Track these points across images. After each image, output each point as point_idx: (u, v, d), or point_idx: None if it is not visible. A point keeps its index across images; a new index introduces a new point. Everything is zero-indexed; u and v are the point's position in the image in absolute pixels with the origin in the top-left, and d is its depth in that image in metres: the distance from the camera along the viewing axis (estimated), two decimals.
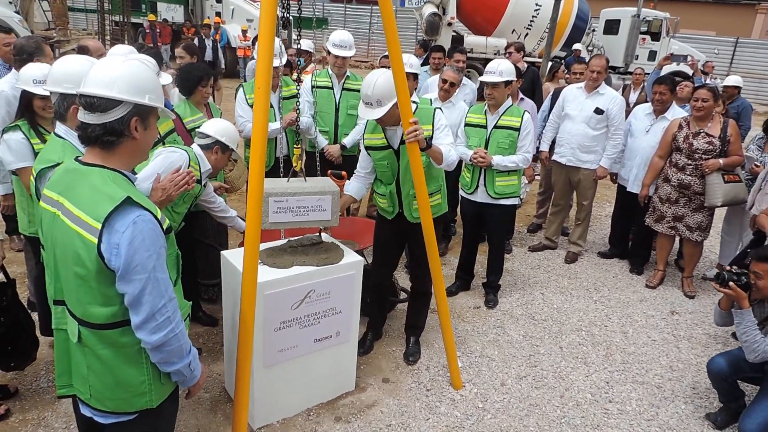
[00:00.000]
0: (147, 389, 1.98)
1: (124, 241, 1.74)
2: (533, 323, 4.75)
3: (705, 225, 5.20)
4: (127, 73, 1.83)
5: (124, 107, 1.81)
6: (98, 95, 1.77)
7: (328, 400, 3.59)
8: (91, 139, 1.83)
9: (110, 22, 15.65)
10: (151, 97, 1.88)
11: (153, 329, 1.84)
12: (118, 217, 1.75)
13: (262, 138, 2.62)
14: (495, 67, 4.48)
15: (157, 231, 1.83)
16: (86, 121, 1.81)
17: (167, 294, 1.86)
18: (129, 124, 1.83)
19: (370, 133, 3.68)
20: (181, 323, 1.93)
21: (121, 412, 1.99)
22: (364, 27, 27.83)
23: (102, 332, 1.88)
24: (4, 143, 3.06)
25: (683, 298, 5.39)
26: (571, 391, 3.89)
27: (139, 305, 1.81)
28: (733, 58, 22.77)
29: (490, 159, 4.52)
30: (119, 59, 1.89)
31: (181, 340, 1.93)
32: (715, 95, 5.07)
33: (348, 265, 3.36)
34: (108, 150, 1.85)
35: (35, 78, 3.05)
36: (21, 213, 3.39)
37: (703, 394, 3.96)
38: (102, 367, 1.92)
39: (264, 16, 2.57)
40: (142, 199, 1.83)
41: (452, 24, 15.79)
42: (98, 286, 1.82)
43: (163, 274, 1.85)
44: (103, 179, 1.81)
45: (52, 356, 3.62)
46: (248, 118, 4.60)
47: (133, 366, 1.94)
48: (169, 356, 1.93)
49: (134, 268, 1.76)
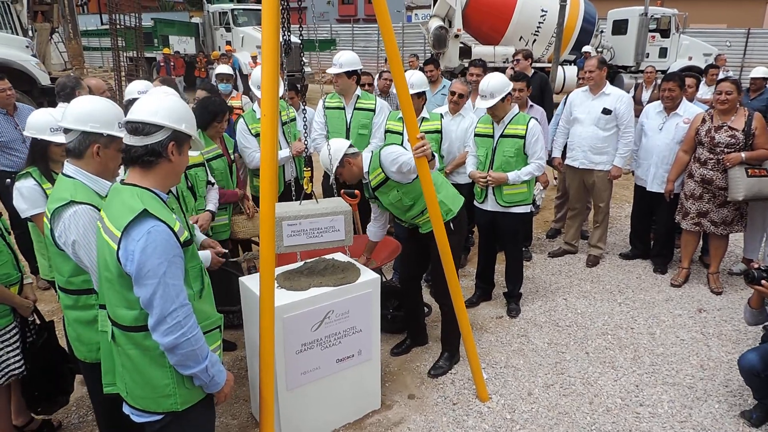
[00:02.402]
0: (172, 391, 2.15)
1: (138, 249, 1.96)
2: (557, 330, 4.70)
3: (730, 219, 5.11)
4: (168, 104, 2.13)
5: (163, 132, 2.09)
6: (143, 121, 2.06)
7: (355, 420, 3.58)
8: (133, 159, 2.09)
9: (125, 59, 16.01)
10: (187, 126, 2.16)
11: (164, 332, 2.01)
12: (135, 226, 1.98)
13: (272, 164, 2.65)
14: (485, 89, 4.45)
15: (170, 241, 2.02)
16: (130, 143, 2.08)
17: (178, 300, 2.02)
18: (167, 147, 2.10)
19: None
20: (194, 329, 2.07)
21: (150, 411, 2.17)
22: (373, 45, 28.05)
23: (129, 334, 2.10)
24: (17, 191, 3.09)
25: (710, 295, 5.29)
26: (601, 397, 3.84)
27: (151, 308, 2.00)
28: (746, 50, 22.43)
29: (504, 177, 4.56)
30: (161, 94, 2.20)
31: (194, 345, 2.07)
32: (739, 88, 5.01)
33: (365, 283, 3.37)
34: (147, 169, 2.11)
35: (52, 126, 3.12)
36: (41, 259, 3.42)
37: (737, 391, 3.87)
38: (132, 365, 2.13)
39: (266, 42, 2.60)
40: (159, 212, 2.03)
41: (459, 36, 15.85)
42: (121, 290, 2.06)
43: (174, 281, 2.02)
44: (131, 195, 2.06)
45: (81, 393, 3.70)
46: (254, 148, 4.65)
47: (158, 368, 2.12)
48: (184, 359, 2.08)
49: (146, 273, 1.97)
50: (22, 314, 3.04)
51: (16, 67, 10.10)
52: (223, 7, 21.66)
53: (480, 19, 16.03)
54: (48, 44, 12.63)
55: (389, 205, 3.81)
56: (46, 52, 12.47)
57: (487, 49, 16.08)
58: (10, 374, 2.99)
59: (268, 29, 2.57)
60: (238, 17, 21.25)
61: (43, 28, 12.48)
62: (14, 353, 2.99)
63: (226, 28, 21.27)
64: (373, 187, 3.77)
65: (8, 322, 2.96)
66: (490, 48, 16.09)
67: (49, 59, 12.59)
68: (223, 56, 16.47)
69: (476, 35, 17.00)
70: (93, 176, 2.47)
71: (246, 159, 4.72)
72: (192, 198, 3.89)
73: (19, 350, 3.02)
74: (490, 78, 4.46)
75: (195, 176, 3.94)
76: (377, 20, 2.92)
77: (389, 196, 3.74)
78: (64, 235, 2.35)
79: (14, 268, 2.99)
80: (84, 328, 2.54)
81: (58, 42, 13.59)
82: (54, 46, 13.31)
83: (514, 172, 4.57)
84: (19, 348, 3.02)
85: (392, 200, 3.75)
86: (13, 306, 2.97)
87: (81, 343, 2.56)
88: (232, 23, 21.13)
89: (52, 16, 13.16)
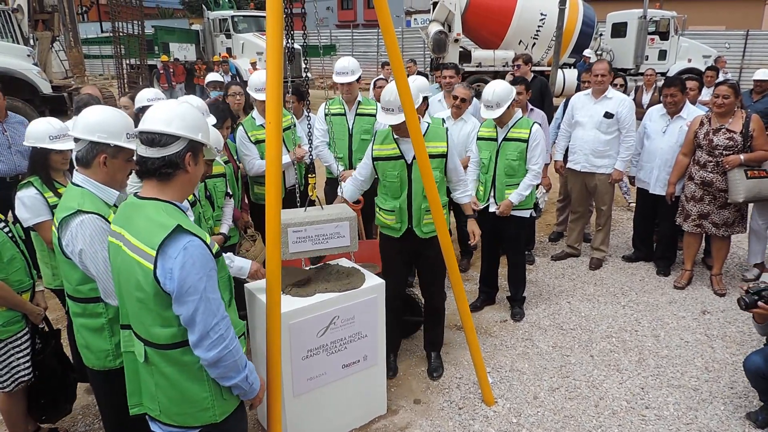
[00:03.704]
0: (210, 404, 2.12)
1: (177, 266, 1.91)
2: (562, 333, 4.70)
3: (731, 221, 5.12)
4: (183, 113, 2.06)
5: (180, 143, 2.03)
6: (159, 131, 1.99)
7: (361, 425, 3.58)
8: (150, 172, 2.03)
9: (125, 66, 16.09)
10: (203, 135, 2.11)
11: (208, 346, 1.97)
12: (170, 243, 1.93)
13: (277, 171, 2.66)
14: (490, 99, 4.39)
15: (206, 255, 1.98)
16: (146, 155, 2.01)
17: (219, 313, 2.00)
18: (184, 158, 2.04)
19: (380, 143, 3.73)
20: (234, 339, 2.06)
21: (187, 426, 2.14)
22: (372, 50, 28.13)
23: (165, 352, 2.05)
24: (19, 201, 3.13)
25: (714, 297, 5.29)
26: (606, 400, 3.84)
27: (194, 325, 1.96)
28: (745, 51, 22.48)
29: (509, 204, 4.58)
30: (174, 102, 2.13)
31: (235, 355, 2.06)
32: (736, 91, 5.03)
33: (370, 288, 3.37)
34: (164, 182, 2.05)
35: (51, 134, 3.16)
36: (44, 268, 3.43)
37: (742, 393, 3.87)
38: (168, 384, 2.08)
39: (270, 48, 2.62)
40: (191, 227, 2.00)
41: (459, 40, 15.90)
42: (156, 309, 1.99)
43: (214, 295, 1.99)
44: (156, 210, 2.00)
45: (87, 401, 3.71)
46: (254, 156, 4.66)
47: (196, 383, 2.09)
48: (226, 371, 2.06)
49: (187, 290, 1.92)
50: (33, 321, 3.05)
51: (17, 75, 10.15)
52: (223, 13, 21.74)
53: (479, 23, 16.08)
54: (49, 53, 12.68)
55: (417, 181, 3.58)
56: (48, 60, 12.52)
57: (487, 53, 16.13)
58: (19, 381, 3.00)
59: (272, 36, 2.59)
60: (238, 24, 21.32)
61: (44, 37, 12.53)
62: (24, 360, 3.01)
63: (227, 34, 21.33)
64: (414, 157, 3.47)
65: (20, 329, 2.98)
66: (489, 52, 16.14)
67: (50, 67, 12.64)
68: (223, 63, 16.56)
69: (476, 39, 17.05)
70: (101, 185, 2.49)
71: (246, 166, 4.73)
72: (210, 208, 3.90)
73: (29, 357, 3.04)
74: (495, 87, 4.42)
75: (214, 187, 3.93)
76: (379, 25, 2.94)
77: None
78: (72, 243, 2.36)
79: (27, 275, 3.01)
80: (92, 335, 2.54)
81: (59, 50, 13.65)
82: (55, 55, 13.37)
83: (516, 193, 4.59)
84: (29, 355, 3.04)
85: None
86: (24, 313, 2.98)
87: (89, 350, 2.57)
88: (233, 30, 21.19)
89: (53, 25, 13.21)
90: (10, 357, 2.96)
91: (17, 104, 9.90)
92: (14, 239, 2.95)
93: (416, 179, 3.62)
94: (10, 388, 2.98)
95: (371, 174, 3.87)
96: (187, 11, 46.81)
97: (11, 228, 2.98)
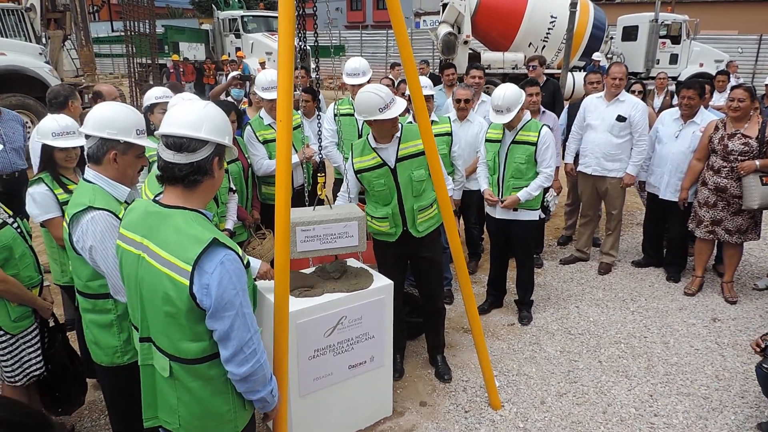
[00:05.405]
0: (232, 417, 2.08)
1: (214, 281, 1.83)
2: (570, 338, 4.67)
3: (745, 228, 5.07)
4: (211, 115, 1.97)
5: (208, 147, 1.93)
6: (187, 136, 1.89)
7: (366, 427, 3.56)
8: (177, 179, 1.92)
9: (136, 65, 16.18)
10: (229, 138, 2.02)
11: (241, 361, 1.93)
12: (206, 258, 1.84)
13: (287, 170, 2.65)
14: (500, 104, 4.34)
15: (241, 269, 1.91)
16: (173, 161, 1.90)
17: (253, 327, 1.96)
18: (212, 163, 1.95)
19: (359, 156, 3.67)
20: (264, 353, 2.02)
21: None
22: (381, 51, 28.13)
23: (192, 366, 1.97)
24: (29, 197, 3.14)
25: (724, 304, 5.23)
26: (614, 407, 3.80)
27: (228, 340, 1.90)
28: (758, 56, 22.32)
29: (515, 199, 4.55)
30: (200, 104, 2.01)
31: (265, 369, 2.02)
32: (752, 95, 4.97)
33: (378, 289, 3.36)
34: (191, 189, 1.95)
35: (54, 131, 3.15)
36: (53, 264, 3.45)
37: (753, 403, 3.82)
38: (192, 398, 2.01)
39: (282, 48, 2.62)
40: (225, 239, 1.92)
41: (468, 42, 15.87)
42: (188, 324, 1.91)
43: (248, 309, 1.94)
44: (185, 221, 1.91)
45: (94, 397, 3.71)
46: (262, 155, 4.64)
47: (220, 396, 2.04)
48: (254, 385, 2.02)
49: (224, 305, 1.85)
50: (43, 316, 3.07)
51: (29, 73, 10.19)
52: (233, 13, 21.84)
53: (489, 25, 16.06)
54: (60, 51, 12.73)
55: (405, 183, 3.60)
56: (59, 58, 12.56)
57: (496, 56, 16.11)
58: (31, 375, 3.02)
59: (284, 36, 2.58)
60: (247, 24, 21.42)
61: (55, 36, 12.58)
62: (35, 354, 3.04)
63: (236, 34, 21.42)
64: (400, 157, 3.57)
65: (30, 323, 3.00)
66: (499, 54, 16.12)
67: (61, 66, 12.69)
68: (232, 62, 16.60)
69: (485, 41, 17.03)
70: (112, 182, 2.48)
71: (254, 166, 4.72)
72: (214, 205, 3.90)
73: (40, 351, 3.06)
74: (505, 91, 4.35)
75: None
76: (391, 25, 2.93)
77: (413, 172, 3.59)
78: (82, 240, 2.36)
79: (36, 270, 3.02)
80: (101, 331, 2.54)
81: (71, 49, 13.70)
82: (66, 53, 13.42)
83: (524, 191, 4.54)
84: (40, 349, 3.06)
85: (415, 178, 3.59)
86: (35, 308, 3.00)
87: (98, 346, 2.57)
88: (242, 30, 21.28)
89: (65, 24, 13.27)
90: (21, 352, 2.98)
91: (29, 101, 9.94)
92: (23, 235, 2.96)
93: (403, 182, 3.61)
94: (22, 382, 3.01)
95: (358, 188, 3.83)
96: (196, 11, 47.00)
97: (20, 224, 2.98)
